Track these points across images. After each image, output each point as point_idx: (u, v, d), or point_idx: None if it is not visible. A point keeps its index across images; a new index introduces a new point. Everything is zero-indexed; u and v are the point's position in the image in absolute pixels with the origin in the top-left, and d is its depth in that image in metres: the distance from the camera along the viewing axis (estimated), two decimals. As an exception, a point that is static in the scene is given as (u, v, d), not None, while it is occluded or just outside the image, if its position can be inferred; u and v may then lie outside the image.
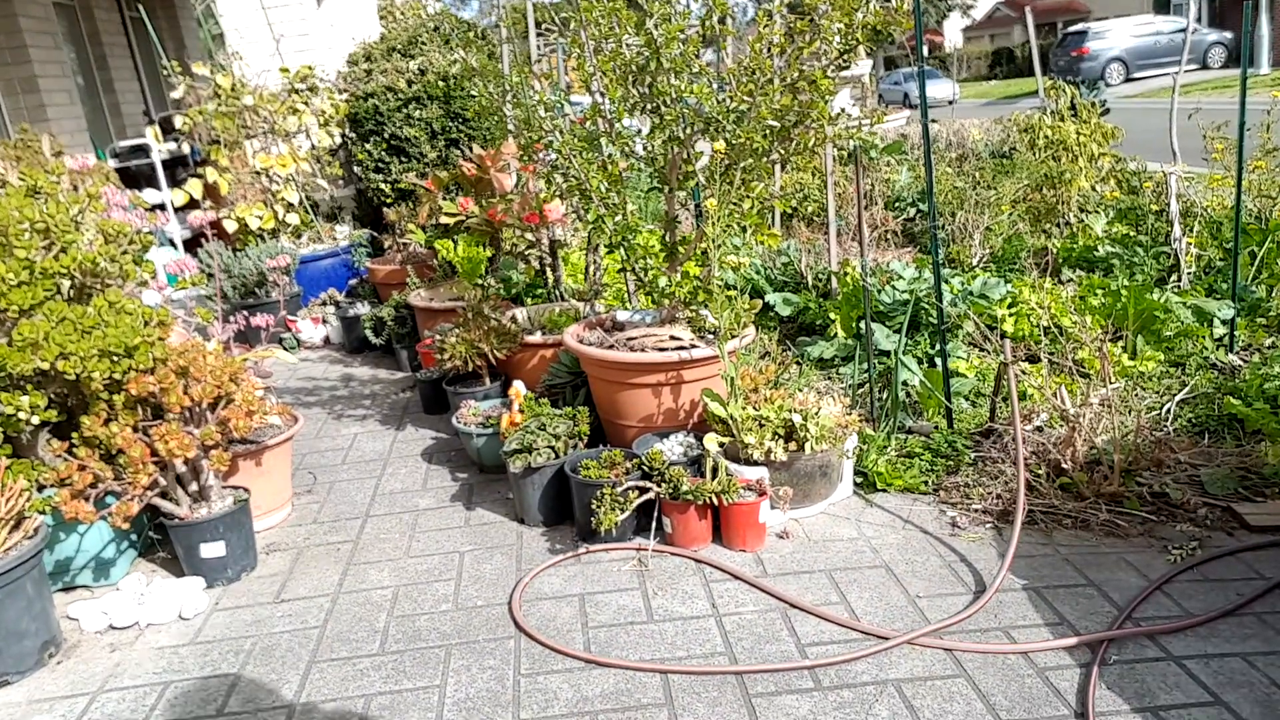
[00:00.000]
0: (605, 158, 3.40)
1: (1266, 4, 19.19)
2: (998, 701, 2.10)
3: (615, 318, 3.75)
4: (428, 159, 6.48)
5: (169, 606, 2.74)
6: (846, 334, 4.39)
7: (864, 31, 3.07)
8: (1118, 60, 22.07)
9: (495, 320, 4.12)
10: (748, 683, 2.23)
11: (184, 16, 11.60)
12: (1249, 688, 2.07)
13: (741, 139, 3.17)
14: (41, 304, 2.77)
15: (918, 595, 2.56)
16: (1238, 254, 3.95)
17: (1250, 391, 3.44)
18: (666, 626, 2.49)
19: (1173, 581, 2.51)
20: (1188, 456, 3.15)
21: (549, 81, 4.44)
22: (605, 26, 3.21)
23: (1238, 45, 21.12)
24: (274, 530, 3.33)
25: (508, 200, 4.88)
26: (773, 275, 5.26)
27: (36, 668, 2.53)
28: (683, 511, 2.86)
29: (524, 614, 2.61)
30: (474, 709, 2.21)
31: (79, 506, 2.64)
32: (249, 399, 3.04)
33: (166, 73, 7.05)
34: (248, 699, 2.33)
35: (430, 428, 4.29)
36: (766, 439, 2.99)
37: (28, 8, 7.98)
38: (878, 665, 2.27)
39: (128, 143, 7.84)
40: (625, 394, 3.37)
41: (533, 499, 3.13)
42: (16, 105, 7.95)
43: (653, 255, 3.50)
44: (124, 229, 3.12)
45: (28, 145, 5.71)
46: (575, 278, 4.98)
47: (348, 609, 2.73)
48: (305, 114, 6.61)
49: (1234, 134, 4.17)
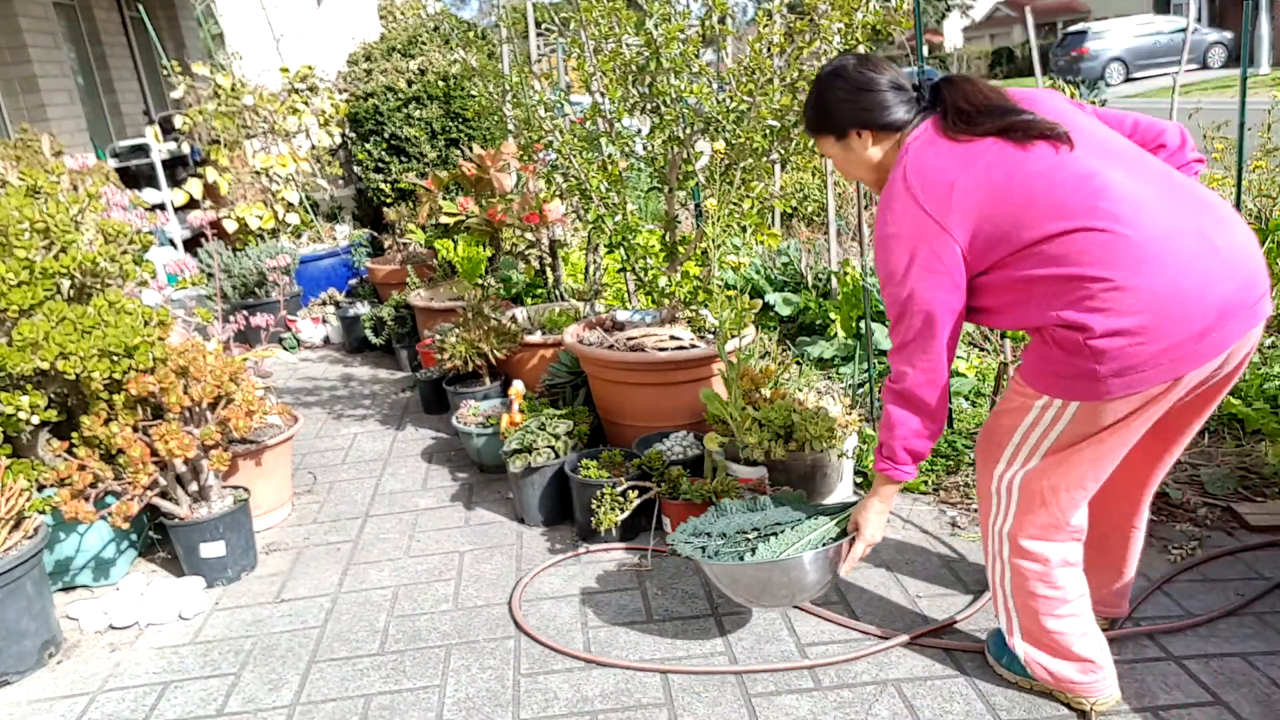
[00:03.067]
0: (605, 158, 3.40)
1: (1266, 4, 19.20)
2: (998, 701, 2.10)
3: (615, 317, 3.75)
4: (428, 159, 6.48)
5: (169, 606, 2.74)
6: (846, 334, 4.38)
7: (864, 31, 3.07)
8: (1118, 60, 22.06)
9: (495, 320, 4.12)
10: (748, 682, 2.23)
11: (184, 16, 11.60)
12: (1249, 688, 2.07)
13: (741, 139, 3.17)
14: (41, 304, 2.77)
15: (918, 595, 2.56)
16: (1238, 254, 3.94)
17: (1250, 391, 3.44)
18: (666, 626, 2.49)
19: (1173, 581, 2.51)
20: (1187, 456, 3.15)
21: (549, 81, 4.44)
22: (605, 26, 3.21)
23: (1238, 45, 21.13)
24: (274, 530, 3.33)
25: (508, 200, 4.88)
26: (773, 275, 5.25)
27: (36, 667, 2.53)
28: (683, 511, 2.86)
29: (524, 614, 2.61)
30: (474, 709, 2.21)
31: (79, 506, 2.64)
32: (249, 399, 3.05)
33: (166, 73, 7.05)
34: (248, 699, 2.33)
35: (430, 427, 4.29)
36: (766, 439, 2.99)
37: (28, 7, 7.98)
38: (878, 665, 2.27)
39: (128, 143, 7.84)
40: (625, 394, 3.37)
41: (533, 499, 3.13)
42: (16, 105, 7.95)
43: (653, 255, 3.50)
44: (124, 229, 3.12)
45: (28, 145, 5.71)
46: (575, 278, 4.98)
47: (348, 609, 2.73)
48: (305, 114, 6.62)
49: (1234, 134, 4.17)
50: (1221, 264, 1.72)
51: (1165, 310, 1.69)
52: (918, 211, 1.83)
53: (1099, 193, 1.74)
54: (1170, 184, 1.79)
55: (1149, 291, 1.69)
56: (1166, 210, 1.74)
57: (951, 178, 1.82)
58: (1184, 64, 4.61)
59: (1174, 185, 1.79)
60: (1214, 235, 1.73)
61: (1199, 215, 1.75)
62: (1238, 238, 1.76)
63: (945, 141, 1.87)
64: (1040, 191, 1.77)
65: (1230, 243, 1.74)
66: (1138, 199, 1.73)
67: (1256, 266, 1.75)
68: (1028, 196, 1.77)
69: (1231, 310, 1.71)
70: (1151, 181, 1.78)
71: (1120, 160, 1.80)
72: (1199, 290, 1.70)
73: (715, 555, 2.24)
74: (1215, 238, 1.73)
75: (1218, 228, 1.75)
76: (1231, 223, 1.77)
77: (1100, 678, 2.01)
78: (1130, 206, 1.73)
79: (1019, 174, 1.79)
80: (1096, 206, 1.73)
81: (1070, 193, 1.75)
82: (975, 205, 1.80)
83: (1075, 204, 1.74)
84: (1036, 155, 1.80)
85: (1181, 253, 1.71)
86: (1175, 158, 1.99)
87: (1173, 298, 1.69)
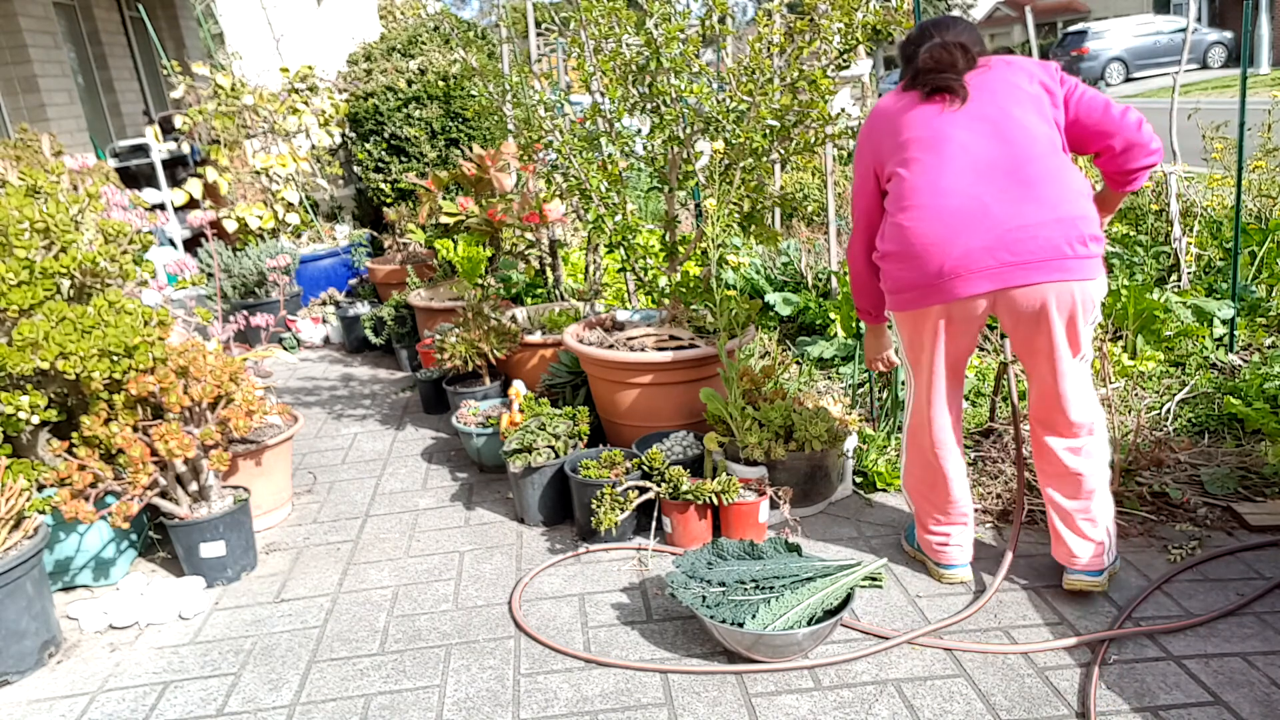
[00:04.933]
0: (605, 157, 3.40)
1: (1266, 4, 19.20)
2: (998, 701, 2.10)
3: (615, 317, 3.75)
4: (428, 159, 6.48)
5: (169, 606, 2.74)
6: (847, 334, 4.39)
7: (864, 31, 3.07)
8: (1118, 60, 22.05)
9: (495, 320, 4.12)
10: (748, 682, 2.23)
11: (184, 16, 11.60)
12: (1249, 688, 2.07)
13: (741, 138, 3.17)
14: (41, 304, 2.77)
15: (918, 595, 2.56)
16: (1238, 254, 3.95)
17: (1250, 391, 3.44)
18: (666, 626, 2.49)
19: (1173, 581, 2.52)
20: (1187, 456, 3.15)
21: (549, 81, 4.44)
22: (605, 26, 3.21)
23: (1238, 45, 21.14)
24: (274, 530, 3.33)
25: (508, 200, 4.88)
26: (773, 275, 5.26)
27: (36, 667, 2.53)
28: (683, 511, 2.86)
29: (524, 614, 2.61)
30: (474, 709, 2.21)
31: (79, 506, 2.64)
32: (249, 399, 3.05)
33: (166, 72, 7.05)
34: (248, 699, 2.33)
35: (430, 427, 4.29)
36: (766, 439, 2.99)
37: (28, 7, 7.99)
38: (878, 665, 2.27)
39: (128, 142, 7.84)
40: (625, 394, 3.37)
41: (533, 499, 3.13)
42: (16, 105, 7.95)
43: (653, 255, 3.50)
44: (124, 229, 3.12)
45: (28, 145, 5.71)
46: (575, 277, 4.98)
47: (348, 609, 2.73)
48: (305, 114, 6.62)
49: (1234, 134, 4.17)
50: (986, 225, 2.15)
51: (913, 247, 2.22)
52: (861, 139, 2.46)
53: (909, 145, 2.27)
54: (1000, 163, 2.18)
55: (908, 228, 2.23)
56: (963, 175, 2.19)
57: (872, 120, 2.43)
58: (1184, 64, 4.61)
59: (1000, 165, 2.18)
60: (995, 203, 2.15)
61: (996, 188, 2.16)
62: (1028, 214, 2.14)
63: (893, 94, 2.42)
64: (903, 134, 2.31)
65: (1011, 212, 2.14)
66: (947, 161, 2.21)
67: (1030, 235, 2.13)
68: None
69: (972, 259, 2.15)
70: (978, 151, 2.20)
71: (977, 128, 2.23)
72: (945, 238, 2.17)
73: (716, 607, 2.32)
74: (995, 205, 2.15)
75: (1010, 202, 2.15)
76: (1035, 204, 2.14)
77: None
78: (932, 166, 2.22)
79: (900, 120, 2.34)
80: (908, 157, 2.26)
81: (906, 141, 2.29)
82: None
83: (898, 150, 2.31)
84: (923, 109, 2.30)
85: (945, 209, 2.18)
86: (1111, 162, 2.32)
87: (921, 238, 2.21)
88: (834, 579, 2.39)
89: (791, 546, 2.55)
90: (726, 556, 2.53)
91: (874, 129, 2.40)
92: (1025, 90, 2.27)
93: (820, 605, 2.31)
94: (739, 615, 2.27)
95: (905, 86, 2.37)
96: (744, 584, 2.41)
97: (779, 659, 2.27)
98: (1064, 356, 2.27)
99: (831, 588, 2.35)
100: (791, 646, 2.24)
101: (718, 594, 2.37)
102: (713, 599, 2.35)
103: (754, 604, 2.31)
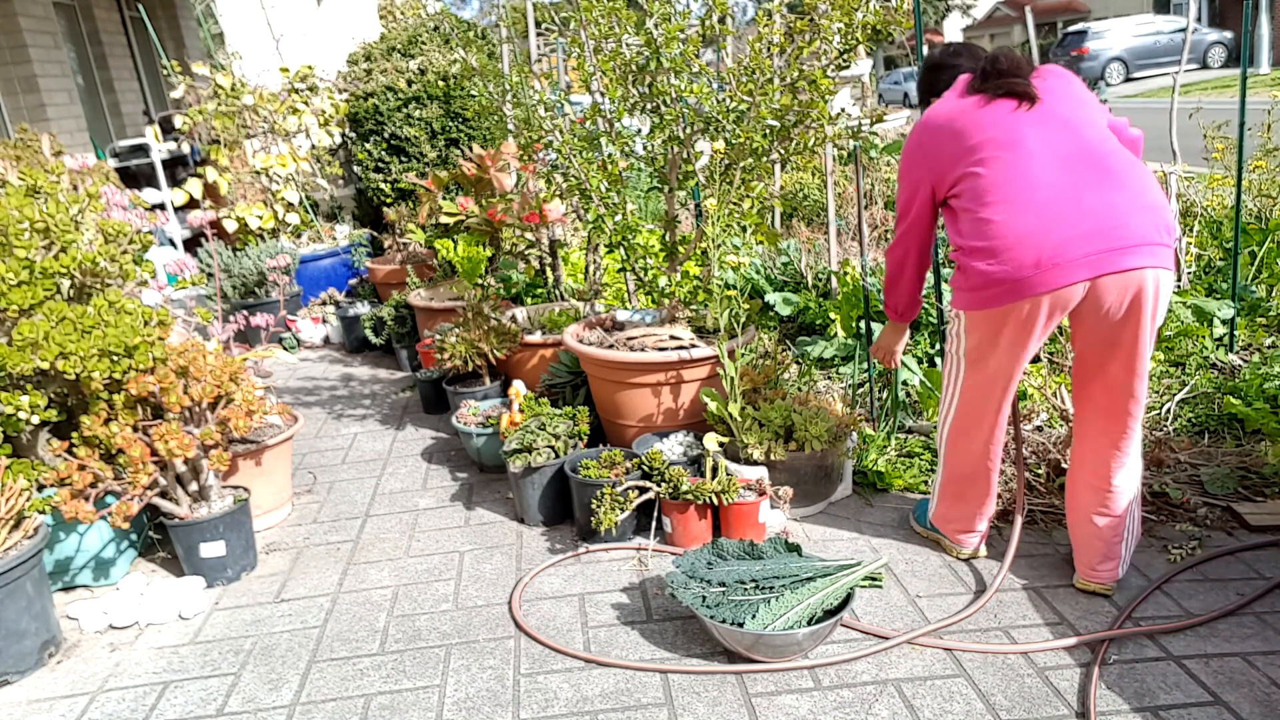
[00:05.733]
0: (605, 157, 3.40)
1: (1266, 4, 19.20)
2: (998, 701, 2.10)
3: (615, 317, 3.75)
4: (428, 159, 6.48)
5: (169, 606, 2.74)
6: (847, 334, 4.38)
7: (864, 31, 3.07)
8: (1118, 60, 22.06)
9: (495, 320, 4.12)
10: (748, 682, 2.23)
11: (184, 16, 11.60)
12: (1249, 688, 2.07)
13: (741, 139, 3.17)
14: (41, 304, 2.77)
15: (918, 595, 2.56)
16: (1238, 254, 3.95)
17: (1250, 391, 3.44)
18: (666, 626, 2.49)
19: (1173, 581, 2.52)
20: (1187, 456, 3.15)
21: (549, 81, 4.44)
22: (605, 26, 3.21)
23: (1238, 45, 21.14)
24: (274, 530, 3.33)
25: (508, 200, 4.88)
26: (773, 275, 5.25)
27: (36, 667, 2.53)
28: (683, 511, 2.86)
29: (524, 614, 2.61)
30: (474, 709, 2.21)
31: (79, 506, 2.64)
32: (249, 399, 3.05)
33: (166, 72, 7.06)
34: (248, 699, 2.33)
35: (430, 427, 4.29)
36: (766, 439, 2.99)
37: (28, 7, 7.99)
38: (878, 665, 2.27)
39: (128, 142, 7.84)
40: (625, 394, 3.37)
41: (532, 499, 3.13)
42: (16, 105, 7.95)
43: (653, 255, 3.50)
44: (124, 229, 3.12)
45: (28, 145, 5.71)
46: (575, 278, 4.98)
47: (348, 609, 2.73)
48: (305, 114, 6.62)
49: (1234, 134, 4.17)
50: (1079, 214, 2.12)
51: (1005, 239, 2.17)
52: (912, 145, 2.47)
53: (984, 145, 2.25)
54: (1081, 156, 2.19)
55: (997, 222, 2.18)
56: (1048, 168, 2.18)
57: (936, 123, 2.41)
58: (1184, 64, 4.61)
59: (1080, 154, 2.19)
60: (1086, 193, 2.14)
61: (1084, 179, 2.16)
62: (1118, 202, 2.13)
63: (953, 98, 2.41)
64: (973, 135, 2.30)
65: (1102, 200, 2.13)
66: (1029, 156, 2.20)
67: (1123, 222, 2.11)
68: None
69: (1068, 248, 2.11)
70: (1058, 146, 2.20)
71: (1052, 124, 2.24)
72: (1039, 229, 2.14)
73: (716, 607, 2.32)
74: (1086, 195, 2.14)
75: (1100, 191, 2.14)
76: (1123, 192, 2.14)
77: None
78: (1013, 161, 2.20)
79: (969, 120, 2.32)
80: (984, 157, 2.24)
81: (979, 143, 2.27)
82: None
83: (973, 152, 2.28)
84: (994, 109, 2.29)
85: (1035, 201, 2.15)
86: None
87: (1013, 230, 2.16)
88: (834, 579, 2.39)
89: (791, 546, 2.55)
90: (726, 556, 2.53)
91: (928, 139, 2.39)
92: (1085, 95, 2.33)
93: (820, 605, 2.32)
94: (739, 615, 2.27)
95: (966, 92, 2.35)
96: (744, 584, 2.41)
97: (779, 659, 2.27)
98: (1145, 351, 2.23)
99: (831, 588, 2.35)
100: (791, 646, 2.24)
101: (718, 594, 2.37)
102: (713, 599, 2.35)
103: (754, 604, 2.31)
